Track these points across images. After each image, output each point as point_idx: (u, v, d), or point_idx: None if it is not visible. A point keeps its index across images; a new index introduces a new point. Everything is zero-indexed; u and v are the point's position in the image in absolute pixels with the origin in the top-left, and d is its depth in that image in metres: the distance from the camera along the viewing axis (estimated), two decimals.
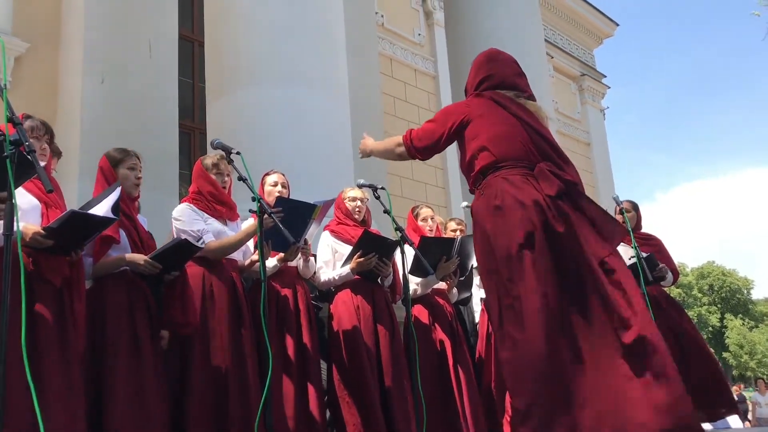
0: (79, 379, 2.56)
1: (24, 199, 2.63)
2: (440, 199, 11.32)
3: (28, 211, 2.62)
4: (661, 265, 4.57)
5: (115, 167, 3.10)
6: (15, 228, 1.94)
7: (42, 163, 2.44)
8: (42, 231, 2.50)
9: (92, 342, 2.80)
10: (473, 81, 2.83)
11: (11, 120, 1.96)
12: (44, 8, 7.20)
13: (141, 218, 3.24)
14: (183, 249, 2.98)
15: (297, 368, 3.44)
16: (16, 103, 2.03)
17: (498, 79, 2.75)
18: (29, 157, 1.93)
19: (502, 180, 2.51)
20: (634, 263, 4.31)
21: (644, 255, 4.46)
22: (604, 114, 17.25)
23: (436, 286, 4.24)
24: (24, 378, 2.01)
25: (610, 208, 5.01)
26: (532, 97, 2.77)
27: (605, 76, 17.33)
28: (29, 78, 6.77)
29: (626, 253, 4.48)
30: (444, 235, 4.57)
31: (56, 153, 3.03)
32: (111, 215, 2.63)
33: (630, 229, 4.56)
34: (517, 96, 2.70)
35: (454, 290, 4.43)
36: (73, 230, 2.58)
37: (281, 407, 3.30)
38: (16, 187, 2.21)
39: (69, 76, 6.87)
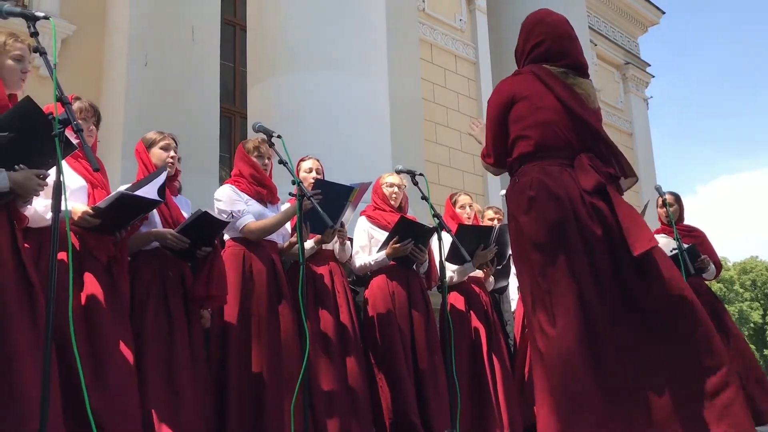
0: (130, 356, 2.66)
1: (71, 178, 2.70)
2: (478, 187, 11.24)
3: (76, 190, 2.69)
4: (702, 257, 4.54)
5: (149, 148, 3.15)
6: (63, 207, 1.98)
7: (89, 144, 2.49)
8: (90, 210, 2.57)
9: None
10: (523, 48, 2.66)
11: (60, 99, 2.00)
12: None
13: (184, 200, 3.30)
14: (207, 222, 2.99)
15: (337, 347, 3.47)
16: (62, 84, 2.07)
17: (547, 45, 2.59)
18: (77, 136, 1.98)
19: (538, 170, 2.44)
20: (676, 254, 4.30)
21: (686, 246, 4.43)
22: (647, 104, 16.92)
23: (472, 274, 4.23)
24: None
25: (653, 199, 4.97)
26: (582, 71, 2.60)
27: (649, 65, 16.97)
28: (75, 60, 6.89)
29: (668, 245, 4.44)
30: (482, 224, 4.56)
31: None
32: (157, 198, 2.69)
33: (672, 221, 4.54)
34: (566, 75, 2.55)
35: (491, 279, 4.42)
36: (120, 211, 2.64)
37: (319, 387, 3.34)
38: (53, 165, 2.29)
39: (114, 58, 6.98)
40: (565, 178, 2.40)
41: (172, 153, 3.16)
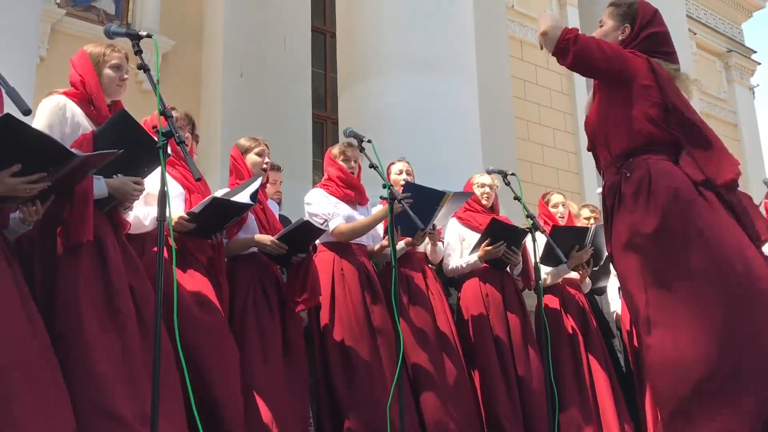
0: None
1: (170, 186, 2.83)
2: (573, 185, 10.97)
3: (174, 197, 2.82)
4: None
5: (244, 154, 3.28)
6: (167, 213, 2.09)
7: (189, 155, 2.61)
8: (185, 215, 2.70)
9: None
10: (636, 32, 2.53)
11: (163, 113, 2.11)
12: (189, 8, 7.66)
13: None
14: (306, 230, 3.08)
15: (435, 349, 3.47)
16: (163, 97, 2.17)
17: (663, 38, 2.52)
18: (180, 147, 2.07)
19: (652, 163, 2.39)
20: None
21: None
22: (753, 92, 16.02)
23: (567, 276, 4.13)
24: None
25: (760, 194, 4.70)
26: (676, 64, 2.54)
27: (755, 52, 16.06)
28: (175, 73, 7.22)
29: None
30: (576, 223, 4.45)
31: (195, 138, 3.25)
32: (249, 201, 2.79)
33: None
34: (676, 72, 2.48)
35: (587, 281, 4.30)
36: (214, 215, 2.76)
37: (419, 388, 3.35)
38: (150, 173, 2.41)
39: (211, 71, 7.28)
40: (677, 172, 2.36)
41: (266, 159, 3.28)
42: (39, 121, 2.39)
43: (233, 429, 2.60)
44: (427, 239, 3.55)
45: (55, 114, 2.39)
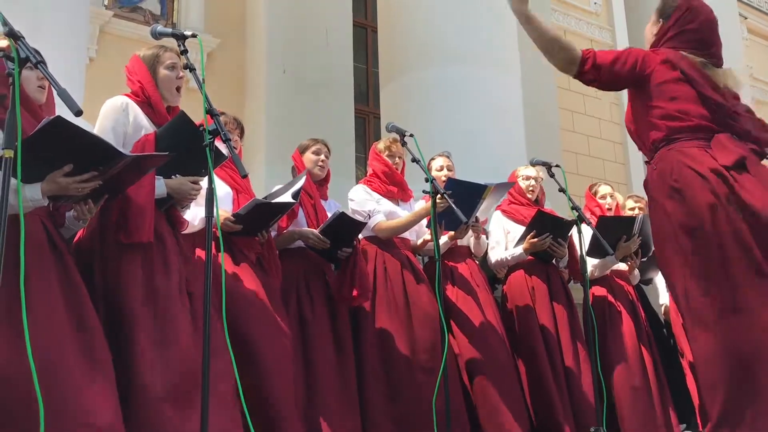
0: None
1: (218, 186, 2.89)
2: (620, 176, 10.77)
3: (222, 197, 2.88)
4: None
5: (303, 153, 3.37)
6: (214, 212, 2.13)
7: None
8: (231, 217, 2.76)
9: None
10: (668, 28, 2.56)
11: (209, 111, 2.14)
12: (232, 7, 7.75)
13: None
14: (346, 223, 3.10)
15: (482, 342, 3.46)
16: (209, 95, 2.20)
17: (696, 35, 2.52)
18: (226, 144, 2.11)
19: (677, 152, 2.38)
20: None
21: None
22: None
23: (615, 267, 4.07)
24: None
25: None
26: (719, 63, 2.54)
27: None
28: (219, 71, 7.32)
29: None
30: (623, 214, 4.37)
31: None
32: (291, 200, 2.83)
33: None
34: (704, 65, 2.48)
35: (636, 272, 4.22)
36: (258, 215, 2.81)
37: (472, 382, 3.35)
38: (207, 174, 2.45)
39: (254, 68, 7.36)
40: (705, 158, 2.33)
41: (322, 157, 3.34)
42: (102, 122, 2.45)
43: (287, 428, 2.64)
44: (470, 232, 3.54)
45: (118, 114, 2.45)
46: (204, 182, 2.49)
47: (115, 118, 2.44)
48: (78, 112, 1.71)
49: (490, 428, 3.30)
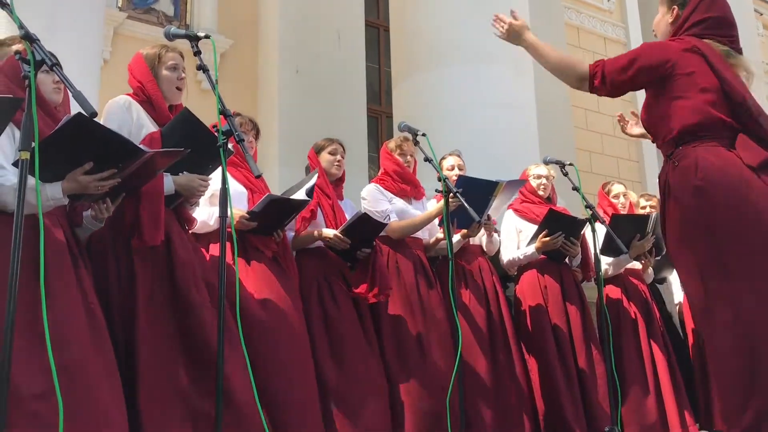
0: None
1: (232, 186, 2.90)
2: (634, 174, 10.72)
3: (236, 197, 2.89)
4: None
5: (318, 153, 3.38)
6: (229, 211, 2.14)
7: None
8: (246, 215, 2.77)
9: None
10: (687, 16, 2.48)
11: (223, 112, 2.16)
12: (245, 7, 7.79)
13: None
14: (366, 223, 3.12)
15: (490, 343, 3.46)
16: (222, 95, 2.22)
17: (718, 22, 2.45)
18: (240, 146, 2.12)
19: (702, 150, 2.31)
20: None
21: None
22: None
23: (629, 266, 4.05)
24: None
25: None
26: (739, 48, 2.47)
27: None
28: (232, 72, 7.36)
29: None
30: (636, 212, 4.35)
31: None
32: (305, 197, 2.84)
33: None
34: (728, 54, 2.40)
35: (650, 271, 4.20)
36: (273, 213, 2.82)
37: (477, 381, 3.35)
38: (213, 171, 2.47)
39: (267, 68, 7.40)
40: (731, 156, 2.27)
41: (339, 157, 3.36)
42: (106, 121, 2.46)
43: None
44: (482, 230, 3.54)
45: (121, 113, 2.46)
46: (215, 181, 2.51)
47: (120, 116, 2.45)
48: (93, 114, 1.73)
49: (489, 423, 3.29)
